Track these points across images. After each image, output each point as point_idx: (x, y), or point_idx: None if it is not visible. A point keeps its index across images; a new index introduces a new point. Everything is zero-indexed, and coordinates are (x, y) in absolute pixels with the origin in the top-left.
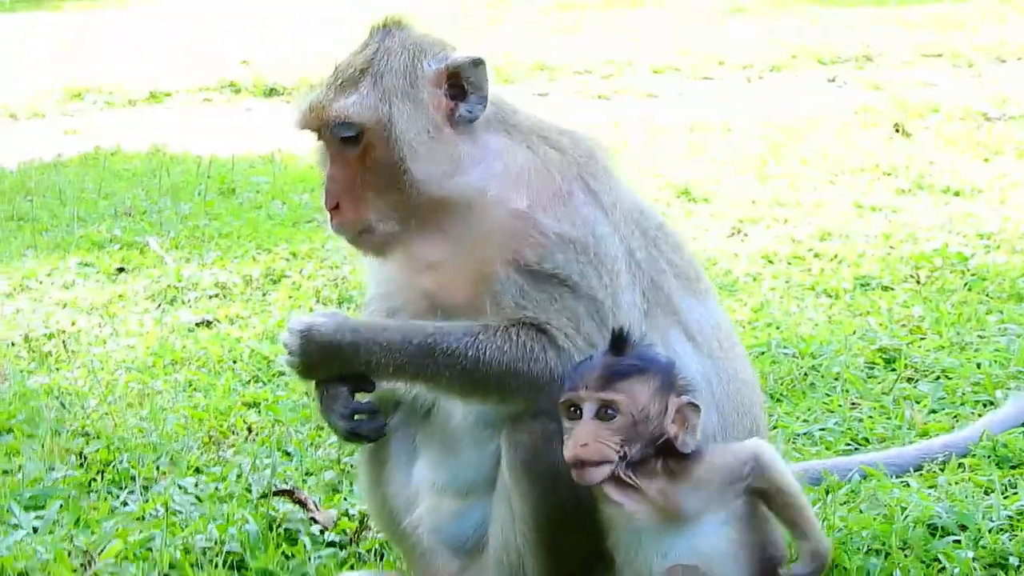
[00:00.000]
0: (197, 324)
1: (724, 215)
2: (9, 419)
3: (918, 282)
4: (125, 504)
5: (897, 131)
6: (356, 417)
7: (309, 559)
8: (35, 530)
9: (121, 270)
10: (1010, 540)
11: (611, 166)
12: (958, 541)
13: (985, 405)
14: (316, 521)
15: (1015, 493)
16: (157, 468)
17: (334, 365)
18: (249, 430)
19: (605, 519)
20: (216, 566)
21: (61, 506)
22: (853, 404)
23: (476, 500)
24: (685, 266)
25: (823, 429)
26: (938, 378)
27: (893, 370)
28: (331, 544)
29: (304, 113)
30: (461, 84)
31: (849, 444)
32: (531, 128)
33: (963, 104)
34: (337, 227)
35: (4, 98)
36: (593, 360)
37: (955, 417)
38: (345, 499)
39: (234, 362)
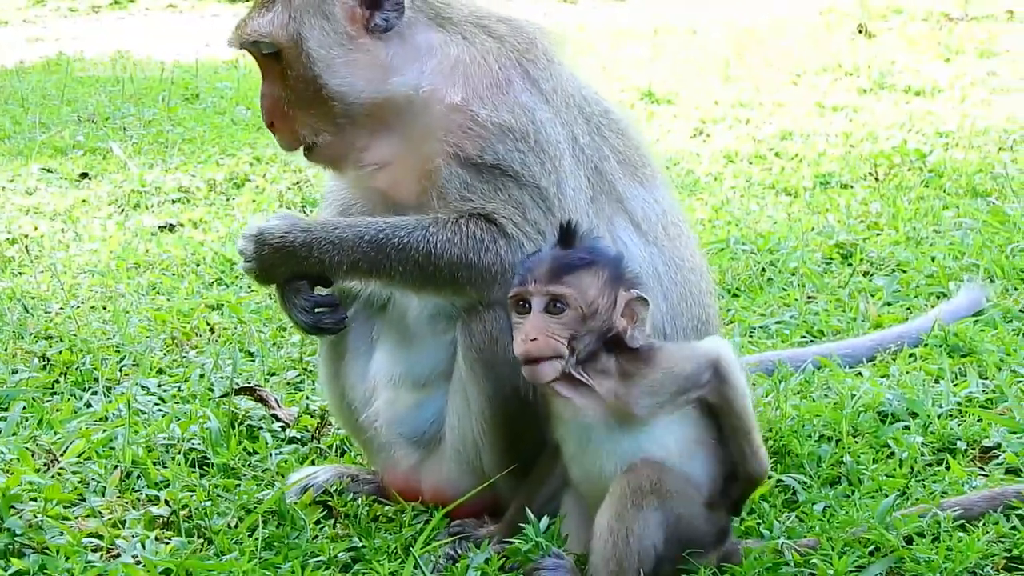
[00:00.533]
0: (160, 228)
1: (687, 116)
2: None
3: (876, 179)
4: (88, 405)
5: (860, 32)
6: (317, 310)
7: (270, 455)
8: None
9: (84, 175)
10: (958, 425)
11: (553, 51)
12: (907, 427)
13: (939, 297)
14: (278, 418)
15: (964, 380)
16: (120, 370)
17: (289, 265)
18: (212, 331)
19: (553, 412)
20: (179, 463)
21: (24, 407)
22: (809, 298)
23: (432, 392)
24: (630, 152)
25: (779, 322)
26: (893, 271)
27: (849, 264)
28: (292, 440)
29: (232, 32)
30: None
31: (805, 336)
32: (467, 19)
33: (926, 5)
34: (281, 144)
35: None
36: (541, 254)
37: (909, 309)
38: (307, 397)
39: (197, 265)
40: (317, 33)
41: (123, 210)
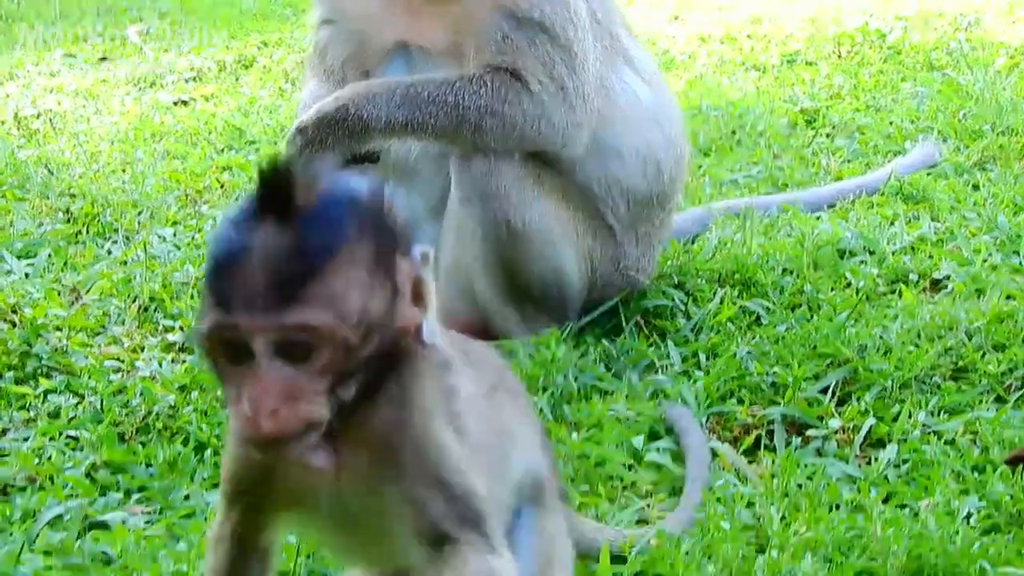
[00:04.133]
0: (175, 103)
1: (663, 4)
2: (0, 186)
3: (839, 57)
4: (109, 252)
5: None
6: None
7: None
8: (27, 275)
9: (103, 59)
10: (911, 260)
11: None
12: (864, 261)
13: (895, 155)
14: None
15: (917, 222)
16: (138, 221)
17: (335, 136)
18: (222, 187)
19: None
20: (192, 297)
21: (50, 254)
22: (775, 156)
23: (428, 224)
24: (626, 17)
25: (747, 176)
26: (853, 133)
27: (813, 128)
28: None
29: None
30: None
31: (771, 189)
32: None
33: None
34: None
35: None
36: (245, 236)
37: (867, 165)
38: None
39: (209, 133)
40: None
41: (140, 88)
